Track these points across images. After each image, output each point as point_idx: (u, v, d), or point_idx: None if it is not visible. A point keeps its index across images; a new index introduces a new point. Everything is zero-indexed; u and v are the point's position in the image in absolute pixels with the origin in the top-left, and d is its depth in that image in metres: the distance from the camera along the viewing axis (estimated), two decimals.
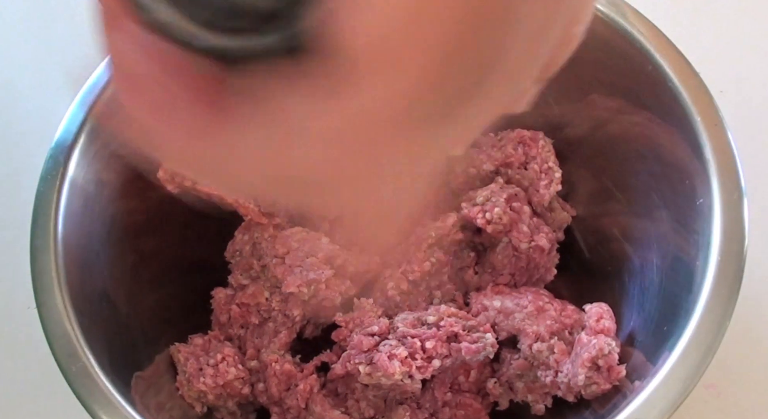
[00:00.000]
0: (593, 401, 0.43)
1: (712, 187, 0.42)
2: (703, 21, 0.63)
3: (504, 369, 0.47)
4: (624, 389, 0.41)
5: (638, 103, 0.48)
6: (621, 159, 0.49)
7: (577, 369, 0.42)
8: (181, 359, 0.46)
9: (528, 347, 0.45)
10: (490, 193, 0.49)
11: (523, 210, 0.49)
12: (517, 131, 0.52)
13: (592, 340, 0.42)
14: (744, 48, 0.61)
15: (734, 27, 0.62)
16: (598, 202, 0.52)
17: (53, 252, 0.42)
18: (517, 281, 0.50)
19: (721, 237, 0.41)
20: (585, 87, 0.50)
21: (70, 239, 0.43)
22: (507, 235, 0.48)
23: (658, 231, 0.46)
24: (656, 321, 0.43)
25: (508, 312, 0.46)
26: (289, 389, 0.47)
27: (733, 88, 0.59)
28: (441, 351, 0.43)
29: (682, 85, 0.45)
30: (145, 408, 0.40)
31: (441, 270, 0.50)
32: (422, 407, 0.47)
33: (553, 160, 0.51)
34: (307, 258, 0.47)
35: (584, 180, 0.52)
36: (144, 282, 0.46)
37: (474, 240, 0.51)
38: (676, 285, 0.43)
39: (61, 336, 0.40)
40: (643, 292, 0.46)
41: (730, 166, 0.43)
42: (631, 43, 0.46)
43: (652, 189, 0.47)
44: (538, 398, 0.46)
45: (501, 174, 0.51)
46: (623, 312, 0.47)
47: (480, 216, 0.48)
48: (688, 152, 0.44)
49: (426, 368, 0.43)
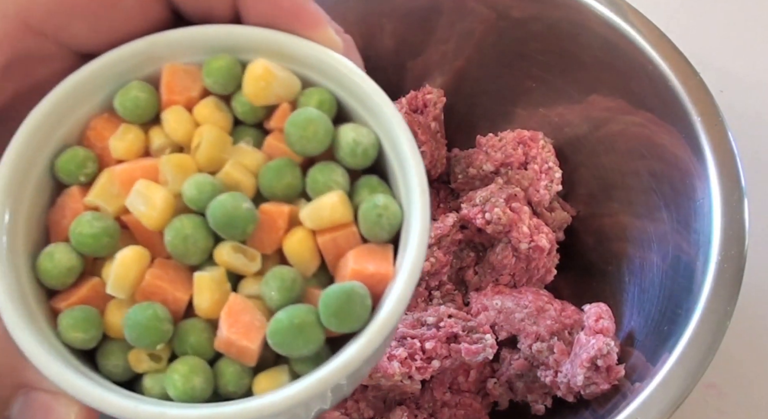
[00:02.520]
0: (593, 401, 0.43)
1: (712, 187, 0.42)
2: (703, 21, 0.63)
3: (504, 369, 0.47)
4: (623, 389, 0.41)
5: (638, 103, 0.48)
6: (621, 159, 0.49)
7: (576, 370, 0.42)
8: None
9: (528, 347, 0.45)
10: (490, 194, 0.49)
11: (523, 210, 0.48)
12: (517, 131, 0.52)
13: (590, 340, 0.42)
14: (744, 48, 0.61)
15: (734, 27, 0.62)
16: (598, 201, 0.52)
17: None
18: (517, 281, 0.50)
19: (721, 237, 0.41)
20: (585, 87, 0.51)
21: None
22: (507, 235, 0.48)
23: (658, 231, 0.46)
24: (656, 321, 0.43)
25: (508, 312, 0.46)
26: None
27: (733, 88, 0.59)
28: (440, 351, 0.43)
29: (682, 85, 0.45)
30: None
31: (441, 271, 0.50)
32: (421, 407, 0.47)
33: (553, 160, 0.51)
34: None
35: (584, 180, 0.52)
36: None
37: (474, 240, 0.51)
38: (676, 285, 0.43)
39: None
40: (643, 292, 0.46)
41: (730, 166, 0.43)
42: (631, 43, 0.46)
43: (652, 189, 0.47)
44: (538, 398, 0.46)
45: (501, 174, 0.51)
46: (623, 312, 0.47)
47: (480, 217, 0.48)
48: (688, 152, 0.44)
49: (425, 369, 0.43)
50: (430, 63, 0.54)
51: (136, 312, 0.24)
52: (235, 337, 0.24)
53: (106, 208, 0.26)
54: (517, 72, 0.53)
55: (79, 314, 0.25)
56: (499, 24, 0.51)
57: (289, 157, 0.26)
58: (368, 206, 0.25)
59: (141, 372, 0.25)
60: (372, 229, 0.25)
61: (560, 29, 0.49)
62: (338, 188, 0.26)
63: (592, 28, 0.48)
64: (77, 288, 0.26)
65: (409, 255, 0.25)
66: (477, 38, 0.53)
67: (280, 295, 0.25)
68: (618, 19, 0.47)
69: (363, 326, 0.24)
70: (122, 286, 0.25)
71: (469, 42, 0.53)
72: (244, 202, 0.25)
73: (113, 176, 0.26)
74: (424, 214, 0.25)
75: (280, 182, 0.26)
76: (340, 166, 0.26)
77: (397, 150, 0.26)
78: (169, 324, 0.25)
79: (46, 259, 0.25)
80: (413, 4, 0.52)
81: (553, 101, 0.52)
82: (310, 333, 0.24)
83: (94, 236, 0.25)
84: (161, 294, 0.25)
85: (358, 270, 0.25)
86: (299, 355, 0.24)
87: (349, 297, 0.24)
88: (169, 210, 0.25)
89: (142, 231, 0.26)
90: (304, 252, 0.25)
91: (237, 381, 0.25)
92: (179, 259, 0.25)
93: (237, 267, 0.25)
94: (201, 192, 0.25)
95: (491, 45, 0.52)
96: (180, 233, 0.25)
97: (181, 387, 0.24)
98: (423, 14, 0.52)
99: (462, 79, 0.54)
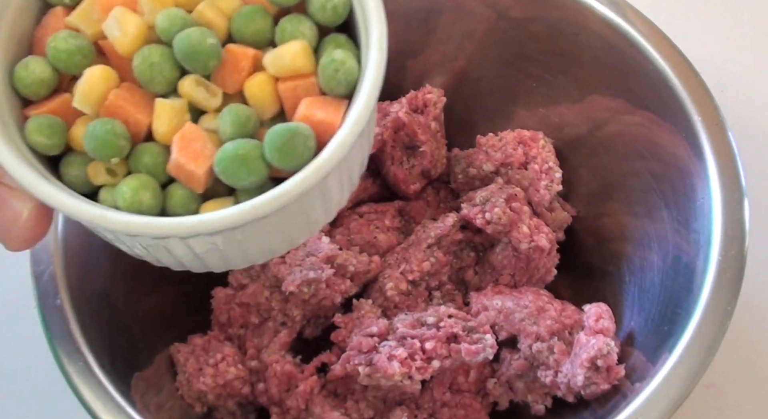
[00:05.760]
0: (593, 401, 0.43)
1: (712, 187, 0.42)
2: (704, 21, 0.63)
3: (504, 369, 0.47)
4: (623, 389, 0.41)
5: (638, 103, 0.48)
6: (621, 159, 0.49)
7: (576, 370, 0.42)
8: (181, 359, 0.46)
9: (528, 347, 0.45)
10: (490, 194, 0.49)
11: (523, 210, 0.48)
12: (517, 131, 0.52)
13: (591, 340, 0.42)
14: (744, 48, 0.61)
15: (734, 27, 0.62)
16: (598, 201, 0.52)
17: (53, 252, 0.42)
18: (517, 281, 0.50)
19: (721, 237, 0.41)
20: (585, 87, 0.51)
21: (70, 239, 0.43)
22: (507, 235, 0.48)
23: (658, 231, 0.46)
24: (656, 321, 0.43)
25: (508, 312, 0.46)
26: (289, 390, 0.47)
27: (733, 88, 0.59)
28: (440, 352, 0.43)
29: (682, 85, 0.45)
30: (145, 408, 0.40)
31: (440, 271, 0.50)
32: (421, 407, 0.47)
33: (553, 160, 0.51)
34: (307, 257, 0.47)
35: (584, 180, 0.52)
36: (144, 282, 0.46)
37: (474, 240, 0.51)
38: (676, 285, 0.43)
39: (61, 336, 0.40)
40: (643, 292, 0.46)
41: (730, 166, 0.43)
42: (631, 43, 0.46)
43: (652, 189, 0.47)
44: (538, 398, 0.46)
45: (501, 174, 0.51)
46: (623, 312, 0.47)
47: (480, 217, 0.48)
48: (688, 152, 0.44)
49: (425, 369, 0.43)
50: (430, 63, 0.54)
51: (96, 125, 0.26)
52: (184, 160, 0.26)
53: (85, 30, 0.28)
54: (517, 72, 0.53)
55: (44, 120, 0.27)
56: (499, 24, 0.51)
57: (262, 5, 0.28)
58: (327, 60, 0.27)
59: (98, 184, 0.27)
60: (329, 83, 0.27)
61: (560, 29, 0.49)
62: (303, 39, 0.27)
63: (592, 28, 0.48)
64: (49, 101, 0.28)
65: (356, 106, 0.26)
66: (477, 38, 0.53)
67: (233, 129, 0.26)
68: (618, 19, 0.47)
69: (304, 165, 0.26)
70: (87, 101, 0.27)
71: (469, 42, 0.53)
72: (209, 37, 0.27)
73: (95, 1, 0.28)
74: (378, 70, 0.27)
75: (249, 26, 0.28)
76: (310, 20, 0.28)
77: (364, 9, 0.27)
78: (126, 142, 0.27)
79: (22, 68, 0.27)
80: (413, 4, 0.52)
81: (553, 101, 0.52)
82: (252, 164, 0.26)
83: (68, 52, 0.27)
84: (123, 115, 0.27)
85: (308, 115, 0.27)
86: (242, 186, 0.26)
87: (293, 134, 0.26)
88: (140, 37, 0.27)
89: (115, 57, 0.28)
90: (263, 96, 0.27)
91: (185, 205, 0.27)
92: (145, 86, 0.27)
93: (198, 100, 0.27)
94: (171, 24, 0.27)
95: (491, 45, 0.52)
96: (147, 60, 0.27)
97: (129, 198, 0.26)
98: (423, 14, 0.52)
99: (462, 79, 0.54)
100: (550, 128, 0.53)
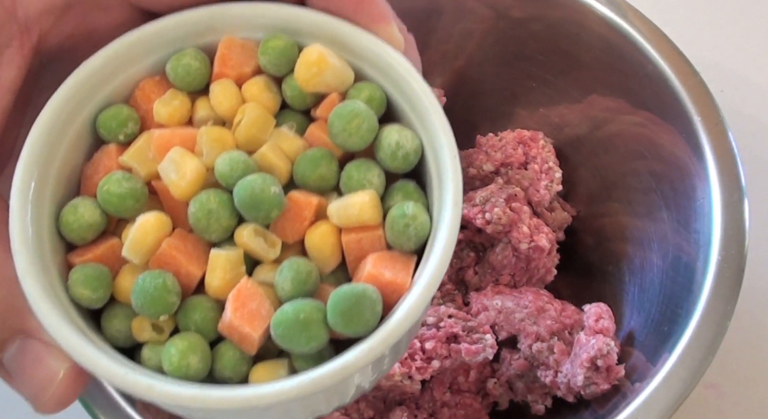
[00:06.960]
0: (593, 401, 0.43)
1: (712, 187, 0.42)
2: (704, 21, 0.63)
3: (504, 369, 0.47)
4: (623, 389, 0.41)
5: (638, 103, 0.48)
6: (621, 159, 0.49)
7: (576, 370, 0.42)
8: None
9: (528, 347, 0.45)
10: (490, 194, 0.49)
11: (523, 210, 0.48)
12: (517, 131, 0.52)
13: (590, 340, 0.42)
14: (744, 48, 0.61)
15: (734, 27, 0.62)
16: (598, 201, 0.52)
17: None
18: (517, 281, 0.50)
19: (721, 237, 0.41)
20: (585, 87, 0.51)
21: None
22: (507, 235, 0.48)
23: (658, 231, 0.46)
24: (656, 321, 0.43)
25: (508, 312, 0.46)
26: None
27: (733, 88, 0.59)
28: (440, 351, 0.43)
29: (682, 85, 0.45)
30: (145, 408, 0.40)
31: None
32: (421, 407, 0.47)
33: (553, 160, 0.51)
34: None
35: (584, 180, 0.52)
36: None
37: (474, 240, 0.51)
38: (676, 285, 0.43)
39: None
40: (643, 292, 0.46)
41: (730, 166, 0.43)
42: (631, 43, 0.46)
43: (652, 189, 0.47)
44: (538, 398, 0.46)
45: (501, 174, 0.51)
46: (623, 312, 0.47)
47: (479, 217, 0.48)
48: (688, 152, 0.44)
49: (425, 369, 0.43)
50: (430, 63, 0.54)
51: (146, 279, 0.24)
52: (238, 322, 0.24)
53: (139, 171, 0.26)
54: (517, 72, 0.53)
55: (90, 271, 0.25)
56: (499, 24, 0.51)
57: (328, 148, 0.26)
58: (397, 213, 0.25)
59: (142, 341, 0.25)
60: (398, 237, 0.25)
61: (560, 29, 0.49)
62: (371, 188, 0.25)
63: (592, 28, 0.48)
64: (95, 246, 0.25)
65: (428, 269, 0.24)
66: (477, 38, 0.53)
67: (292, 286, 0.24)
68: (618, 19, 0.47)
69: (369, 332, 0.23)
70: (138, 251, 0.25)
71: (469, 42, 0.53)
72: (273, 185, 0.24)
73: (151, 140, 0.26)
74: (452, 230, 0.24)
75: (314, 172, 0.25)
76: (378, 166, 0.26)
77: (438, 160, 0.26)
78: (176, 297, 0.24)
79: (70, 211, 0.25)
80: (413, 4, 0.52)
81: (553, 101, 0.52)
82: (313, 329, 0.23)
83: (120, 196, 0.25)
84: (175, 265, 0.25)
85: (375, 274, 0.24)
86: (300, 351, 0.24)
87: (359, 299, 0.23)
88: (198, 181, 0.25)
89: (169, 200, 0.26)
90: (325, 248, 0.25)
91: (234, 367, 0.24)
92: (200, 233, 0.25)
93: (256, 250, 0.25)
94: (233, 169, 0.25)
95: (491, 45, 0.52)
96: (204, 206, 0.24)
97: (176, 362, 0.24)
98: (423, 14, 0.52)
99: (462, 79, 0.54)
100: (550, 128, 0.53)
